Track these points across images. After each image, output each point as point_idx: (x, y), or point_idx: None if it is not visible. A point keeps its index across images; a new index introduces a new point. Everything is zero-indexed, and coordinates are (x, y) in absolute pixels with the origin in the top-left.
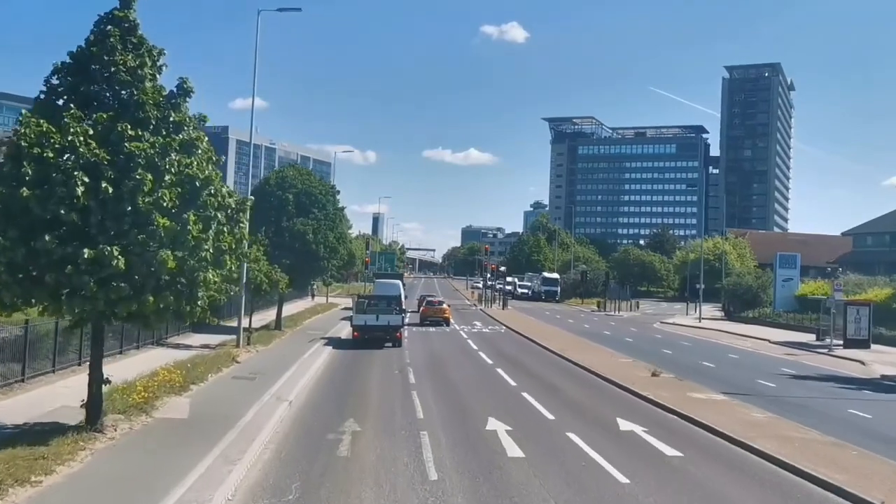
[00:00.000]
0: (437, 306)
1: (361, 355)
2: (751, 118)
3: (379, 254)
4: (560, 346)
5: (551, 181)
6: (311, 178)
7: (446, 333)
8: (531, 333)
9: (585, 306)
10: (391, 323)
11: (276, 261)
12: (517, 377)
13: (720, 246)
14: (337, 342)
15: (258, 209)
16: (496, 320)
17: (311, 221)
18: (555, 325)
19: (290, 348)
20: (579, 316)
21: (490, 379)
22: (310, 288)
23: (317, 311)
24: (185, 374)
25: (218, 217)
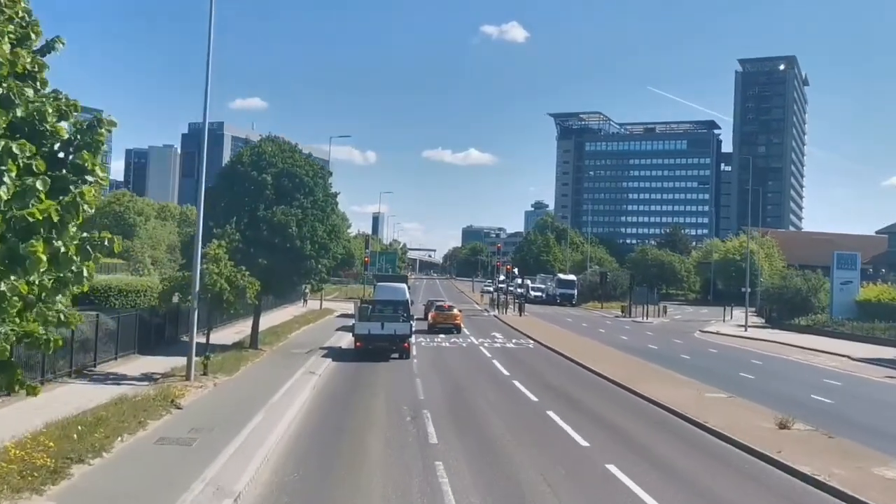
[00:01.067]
0: (447, 312)
1: (358, 387)
2: (765, 113)
3: (379, 254)
4: (614, 370)
5: (557, 178)
6: (296, 156)
7: (463, 350)
8: (568, 350)
9: (606, 311)
10: (398, 332)
11: (250, 261)
12: (586, 430)
13: (746, 245)
14: (330, 365)
15: (227, 195)
16: (517, 331)
17: (295, 210)
18: (588, 337)
19: (262, 378)
20: (605, 323)
21: (545, 434)
22: (302, 293)
23: (307, 319)
24: (72, 442)
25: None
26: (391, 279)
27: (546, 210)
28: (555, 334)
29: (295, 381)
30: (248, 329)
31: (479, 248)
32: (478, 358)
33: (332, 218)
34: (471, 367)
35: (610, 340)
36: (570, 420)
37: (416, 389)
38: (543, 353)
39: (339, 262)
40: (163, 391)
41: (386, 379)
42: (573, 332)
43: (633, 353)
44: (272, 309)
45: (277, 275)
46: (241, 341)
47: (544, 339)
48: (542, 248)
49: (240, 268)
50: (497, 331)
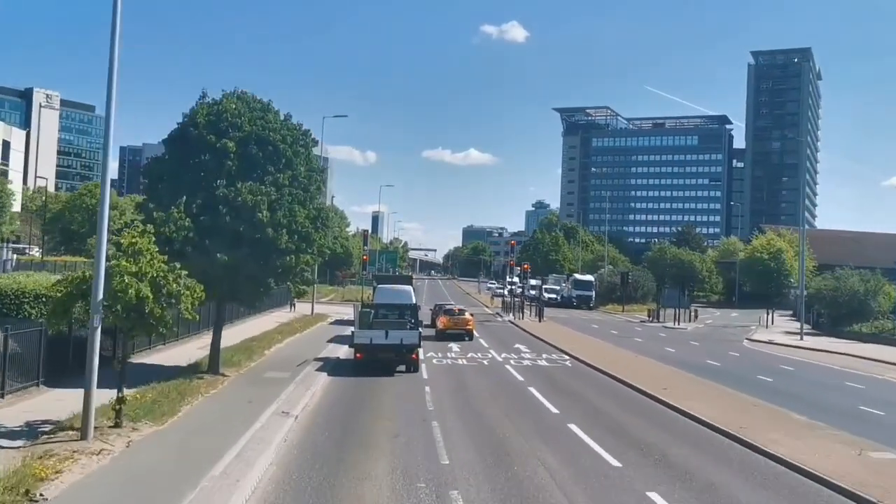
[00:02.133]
0: (457, 316)
1: (349, 443)
2: (779, 107)
3: (380, 252)
4: (702, 406)
5: (563, 175)
6: (270, 117)
7: (486, 370)
8: (617, 370)
9: (628, 314)
10: (405, 341)
11: (205, 256)
12: None
13: (775, 243)
14: (314, 396)
15: (174, 168)
16: (543, 341)
17: (268, 189)
18: (627, 349)
19: (207, 427)
20: (635, 329)
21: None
22: (290, 295)
23: (294, 328)
24: None
25: None
26: (394, 280)
27: (547, 210)
28: (589, 346)
29: (257, 431)
30: (242, 335)
31: (481, 247)
32: (508, 383)
33: (317, 199)
34: (502, 398)
35: (656, 353)
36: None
37: (436, 445)
38: (589, 375)
39: (326, 257)
40: (22, 469)
41: (390, 428)
42: (608, 343)
43: (697, 372)
44: (251, 316)
45: (243, 275)
46: (198, 362)
47: (580, 353)
48: (550, 247)
49: (173, 266)
50: (519, 341)
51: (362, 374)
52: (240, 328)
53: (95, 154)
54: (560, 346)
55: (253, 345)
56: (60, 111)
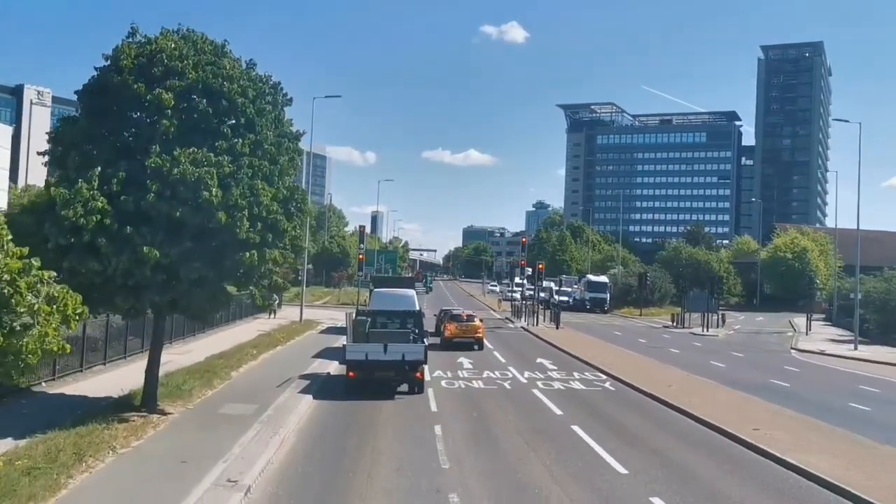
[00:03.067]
0: (466, 322)
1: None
2: (790, 103)
3: (378, 252)
4: (827, 461)
5: (567, 174)
6: (226, 63)
7: (509, 395)
8: (677, 398)
9: (647, 318)
10: (408, 357)
11: (126, 249)
12: None
13: (799, 242)
14: (285, 445)
15: (90, 129)
16: (568, 354)
17: (220, 157)
18: (670, 363)
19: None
20: (663, 337)
21: None
22: (280, 297)
23: (275, 340)
24: None
25: None
26: (394, 283)
27: (548, 210)
28: (624, 360)
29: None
30: (210, 349)
31: (482, 247)
32: (543, 418)
33: (290, 176)
34: (542, 446)
35: (703, 368)
36: None
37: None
38: (643, 405)
39: (306, 255)
40: None
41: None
42: (643, 355)
43: (769, 396)
44: (227, 324)
45: (188, 278)
46: (135, 393)
47: (618, 370)
48: (556, 247)
49: (29, 264)
50: (540, 354)
51: (355, 397)
52: (209, 340)
53: None
54: (590, 360)
55: (218, 364)
56: (53, 108)
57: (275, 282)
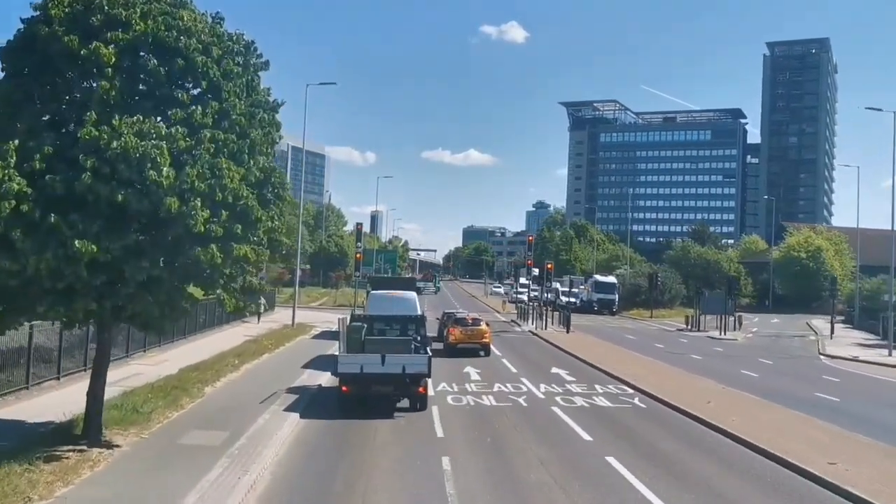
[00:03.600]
0: (471, 327)
1: None
2: (797, 100)
3: (377, 252)
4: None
5: (569, 172)
6: (184, 15)
7: (526, 415)
8: (720, 418)
9: (658, 320)
10: (409, 369)
11: (52, 242)
12: None
13: (813, 241)
14: (256, 492)
15: (12, 94)
16: (584, 362)
17: (172, 129)
18: (700, 374)
19: None
20: (680, 342)
21: None
22: (257, 302)
23: (261, 348)
24: None
25: None
26: (393, 284)
27: (548, 210)
28: (648, 370)
29: None
30: (187, 359)
31: (483, 247)
32: (571, 448)
33: (265, 154)
34: (574, 483)
35: (734, 378)
36: None
37: None
38: (680, 425)
39: (283, 250)
40: None
41: None
42: (667, 364)
43: (820, 413)
44: (212, 329)
45: (135, 279)
46: (78, 418)
47: (644, 382)
48: (560, 247)
49: None
50: (554, 362)
51: (348, 415)
52: (188, 348)
53: None
54: (610, 369)
55: (191, 377)
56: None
57: (249, 283)
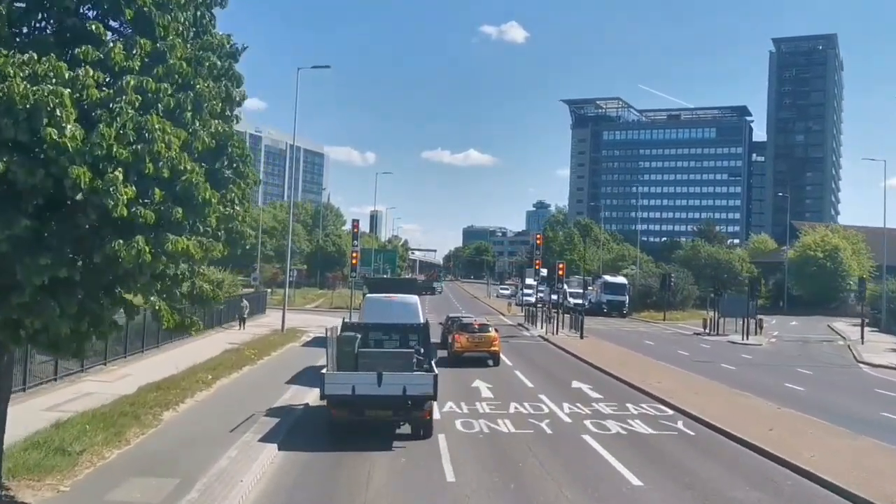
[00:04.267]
0: (479, 333)
1: None
2: (803, 97)
3: (376, 251)
4: None
5: (572, 171)
6: None
7: (553, 445)
8: (792, 453)
9: (672, 323)
10: (410, 390)
11: None
12: None
13: (830, 240)
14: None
15: None
16: (608, 374)
17: (81, 73)
18: (741, 387)
19: None
20: (702, 347)
21: None
22: (239, 308)
23: (243, 358)
24: None
25: None
26: (392, 286)
27: (548, 209)
28: (681, 383)
29: None
30: (152, 373)
31: (483, 247)
32: (611, 491)
33: (216, 116)
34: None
35: (779, 392)
36: None
37: None
38: (744, 460)
39: (247, 244)
40: None
41: None
42: (700, 375)
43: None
44: (186, 336)
45: (27, 280)
46: None
47: (683, 399)
48: (564, 246)
49: None
50: (573, 374)
51: (337, 445)
52: (158, 360)
53: None
54: (639, 383)
55: (149, 399)
56: None
57: (200, 290)
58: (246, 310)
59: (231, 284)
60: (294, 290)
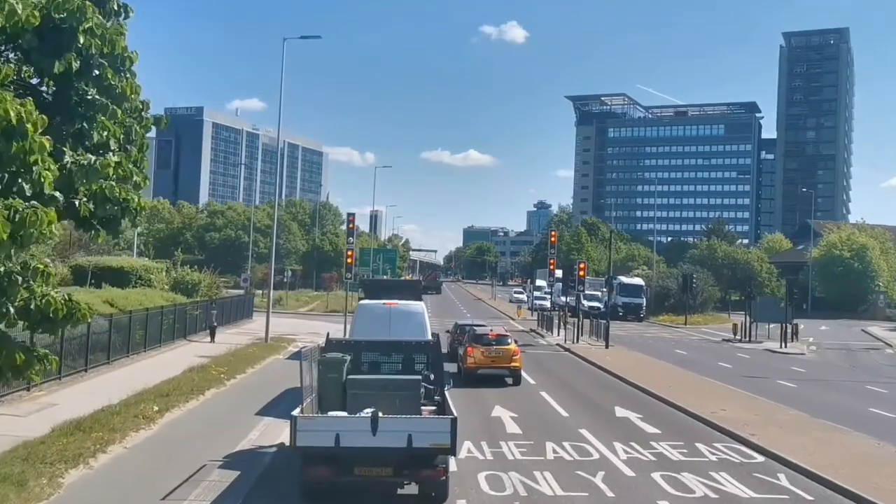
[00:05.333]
0: (496, 346)
1: None
2: (815, 93)
3: (375, 251)
4: None
5: (576, 169)
6: None
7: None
8: None
9: (694, 328)
10: (417, 440)
11: None
12: None
13: (856, 239)
14: None
15: None
16: (658, 398)
17: None
18: (823, 416)
19: None
20: (741, 357)
21: None
22: (207, 315)
23: (208, 378)
24: None
25: None
26: (393, 288)
27: (549, 209)
28: (751, 409)
29: None
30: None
31: (485, 247)
32: None
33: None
34: None
35: (879, 426)
36: None
37: None
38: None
39: (137, 223)
40: None
41: None
42: (764, 398)
43: None
44: (151, 348)
45: None
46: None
47: (772, 440)
48: (571, 246)
49: None
50: (614, 397)
51: None
52: (102, 381)
53: None
54: (698, 410)
55: (58, 449)
56: None
57: (44, 304)
58: (214, 317)
59: (210, 286)
60: (287, 291)
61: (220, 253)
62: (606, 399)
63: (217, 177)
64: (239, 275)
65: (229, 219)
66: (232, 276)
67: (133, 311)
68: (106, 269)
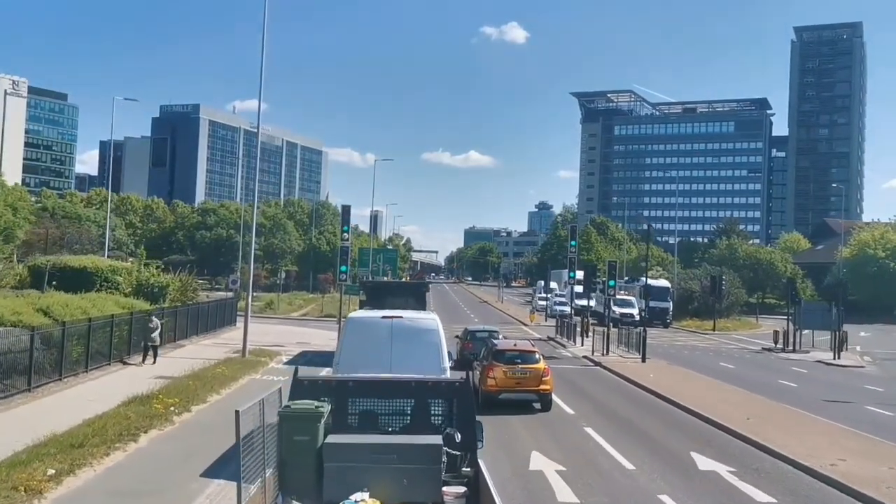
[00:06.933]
0: (520, 365)
1: None
2: (828, 89)
3: (375, 251)
4: None
5: (581, 167)
6: None
7: None
8: None
9: (722, 334)
10: None
11: None
12: None
13: (890, 237)
14: None
15: None
16: (745, 439)
17: None
18: None
19: None
20: (796, 371)
21: None
22: (145, 331)
23: (149, 414)
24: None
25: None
26: (398, 292)
27: (550, 210)
28: (870, 455)
29: None
30: None
31: (488, 248)
32: None
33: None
34: None
35: None
36: None
37: None
38: None
39: None
40: None
41: None
42: (877, 437)
43: None
44: (98, 366)
45: None
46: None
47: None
48: (581, 246)
49: None
50: (680, 434)
51: None
52: (10, 417)
53: (67, 147)
54: (810, 462)
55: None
56: (29, 99)
57: None
58: (156, 333)
59: (183, 290)
60: (280, 294)
61: (212, 253)
62: (674, 439)
63: (214, 176)
64: (229, 276)
65: (222, 217)
66: (224, 276)
67: (68, 323)
68: (66, 269)
